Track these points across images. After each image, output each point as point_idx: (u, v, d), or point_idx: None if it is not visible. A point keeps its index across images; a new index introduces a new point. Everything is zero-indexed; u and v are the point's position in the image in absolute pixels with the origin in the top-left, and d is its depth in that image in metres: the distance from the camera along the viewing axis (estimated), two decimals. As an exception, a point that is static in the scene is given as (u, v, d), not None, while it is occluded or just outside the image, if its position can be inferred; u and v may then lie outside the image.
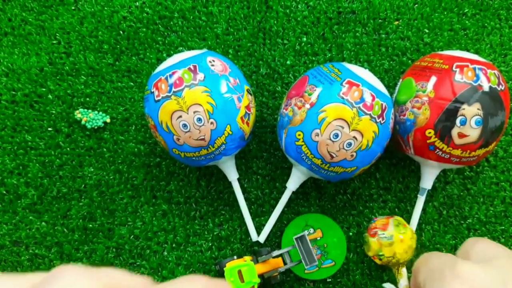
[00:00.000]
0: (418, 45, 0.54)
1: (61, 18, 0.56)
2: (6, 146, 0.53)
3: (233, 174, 0.48)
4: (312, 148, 0.42)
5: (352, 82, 0.41)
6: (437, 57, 0.44)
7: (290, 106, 0.43)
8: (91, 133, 0.53)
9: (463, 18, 0.55)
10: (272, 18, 0.55)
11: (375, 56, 0.54)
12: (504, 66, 0.54)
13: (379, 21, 0.55)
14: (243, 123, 0.44)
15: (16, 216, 0.51)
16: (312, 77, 0.43)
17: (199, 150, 0.43)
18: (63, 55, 0.55)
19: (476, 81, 0.41)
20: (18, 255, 0.51)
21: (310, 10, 0.55)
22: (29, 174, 0.52)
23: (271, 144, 0.53)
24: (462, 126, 0.41)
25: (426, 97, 0.42)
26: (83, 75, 0.54)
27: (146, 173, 0.52)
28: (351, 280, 0.50)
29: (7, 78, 0.54)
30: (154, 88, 0.43)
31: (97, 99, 0.54)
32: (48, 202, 0.52)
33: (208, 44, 0.55)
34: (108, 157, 0.53)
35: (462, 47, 0.54)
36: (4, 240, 0.51)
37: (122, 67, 0.54)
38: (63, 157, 0.53)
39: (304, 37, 0.55)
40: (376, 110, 0.41)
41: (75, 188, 0.52)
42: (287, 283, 0.50)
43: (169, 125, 0.42)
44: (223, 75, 0.43)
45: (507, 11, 0.55)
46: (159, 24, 0.55)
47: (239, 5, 0.55)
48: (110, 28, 0.55)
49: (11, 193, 0.52)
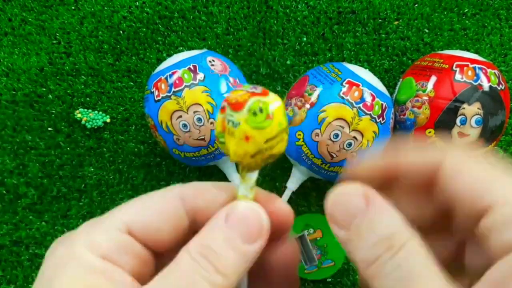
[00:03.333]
0: (418, 45, 0.54)
1: (61, 18, 0.56)
2: (6, 146, 0.53)
3: (233, 174, 0.48)
4: (312, 148, 0.42)
5: (352, 82, 0.41)
6: (437, 56, 0.44)
7: (290, 106, 0.43)
8: (91, 133, 0.53)
9: (463, 18, 0.55)
10: (272, 18, 0.55)
11: (375, 56, 0.54)
12: (504, 66, 0.54)
13: (379, 21, 0.55)
14: (243, 123, 0.44)
15: (16, 216, 0.51)
16: (312, 77, 0.43)
17: (199, 150, 0.43)
18: (63, 55, 0.55)
19: (476, 81, 0.41)
20: (18, 255, 0.51)
21: (310, 10, 0.55)
22: (29, 174, 0.52)
23: (271, 144, 0.53)
24: (462, 126, 0.41)
25: (426, 96, 0.42)
26: (83, 75, 0.54)
27: (146, 173, 0.52)
28: (351, 280, 0.50)
29: (7, 78, 0.54)
30: (154, 88, 0.43)
31: (97, 99, 0.54)
32: (48, 202, 0.52)
33: (208, 44, 0.55)
34: (108, 157, 0.53)
35: (462, 47, 0.54)
36: (4, 240, 0.51)
37: (122, 67, 0.54)
38: (63, 157, 0.53)
39: (304, 37, 0.55)
40: (376, 110, 0.41)
41: (75, 188, 0.52)
42: (287, 283, 0.50)
43: (169, 125, 0.42)
44: (223, 75, 0.43)
45: (507, 11, 0.55)
46: (159, 24, 0.55)
47: (239, 5, 0.55)
48: (110, 28, 0.55)
49: (11, 193, 0.52)
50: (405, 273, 0.14)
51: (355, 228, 0.16)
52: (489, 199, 0.15)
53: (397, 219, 0.16)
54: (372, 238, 0.15)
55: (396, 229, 0.16)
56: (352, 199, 0.17)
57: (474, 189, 0.16)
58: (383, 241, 0.15)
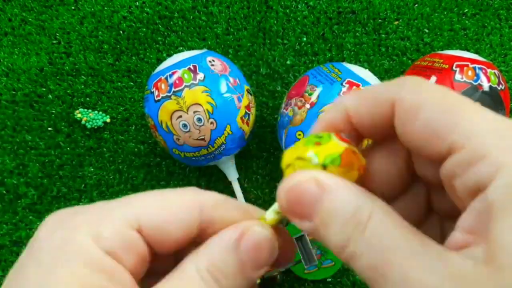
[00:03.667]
0: (418, 45, 0.54)
1: (61, 18, 0.56)
2: (6, 146, 0.53)
3: (233, 174, 0.48)
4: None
5: (352, 82, 0.41)
6: (437, 56, 0.44)
7: (290, 106, 0.43)
8: (91, 133, 0.53)
9: (463, 18, 0.55)
10: (272, 18, 0.55)
11: (375, 56, 0.54)
12: (504, 66, 0.54)
13: (379, 21, 0.55)
14: (243, 123, 0.44)
15: (16, 216, 0.51)
16: (312, 77, 0.43)
17: (199, 150, 0.43)
18: (63, 55, 0.55)
19: (476, 81, 0.41)
20: (18, 255, 0.51)
21: (310, 10, 0.55)
22: (29, 174, 0.52)
23: (271, 144, 0.53)
24: (462, 126, 0.41)
25: (426, 97, 0.42)
26: (83, 75, 0.54)
27: (146, 173, 0.52)
28: (351, 280, 0.50)
29: (7, 78, 0.54)
30: (154, 88, 0.43)
31: (97, 99, 0.54)
32: (48, 202, 0.52)
33: (208, 44, 0.55)
34: (108, 157, 0.53)
35: (462, 47, 0.54)
36: (4, 240, 0.51)
37: (122, 67, 0.54)
38: (63, 157, 0.53)
39: (304, 37, 0.55)
40: (376, 110, 0.41)
41: (75, 188, 0.52)
42: (287, 283, 0.50)
43: (169, 125, 0.42)
44: (223, 75, 0.43)
45: (507, 11, 0.55)
46: (159, 24, 0.55)
47: (239, 5, 0.55)
48: (110, 28, 0.55)
49: (11, 193, 0.52)
50: (377, 247, 0.14)
51: (318, 216, 0.15)
52: (451, 139, 0.13)
53: (355, 192, 0.15)
54: (338, 221, 0.14)
55: (358, 203, 0.14)
56: (304, 187, 0.15)
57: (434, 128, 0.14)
58: (350, 220, 0.14)
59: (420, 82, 0.15)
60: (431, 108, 0.14)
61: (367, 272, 0.14)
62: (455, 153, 0.13)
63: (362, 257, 0.14)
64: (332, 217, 0.15)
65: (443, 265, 0.12)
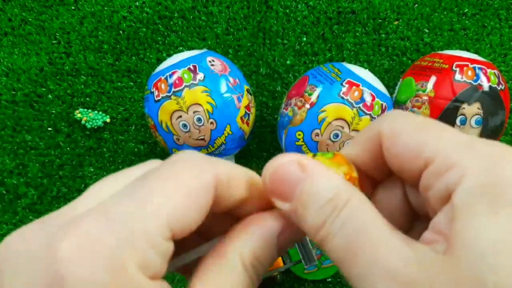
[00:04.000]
0: (418, 45, 0.54)
1: (61, 18, 0.56)
2: (6, 146, 0.53)
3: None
4: (312, 148, 0.42)
5: (352, 82, 0.41)
6: (437, 56, 0.44)
7: (290, 106, 0.43)
8: (91, 133, 0.53)
9: (463, 18, 0.55)
10: (272, 18, 0.55)
11: (375, 56, 0.54)
12: (504, 66, 0.54)
13: (379, 21, 0.55)
14: (243, 123, 0.44)
15: (16, 216, 0.51)
16: (312, 77, 0.43)
17: (199, 150, 0.43)
18: (63, 55, 0.55)
19: (476, 81, 0.41)
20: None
21: (310, 10, 0.55)
22: (29, 174, 0.52)
23: (271, 144, 0.53)
24: (462, 126, 0.41)
25: (426, 96, 0.42)
26: (83, 75, 0.54)
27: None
28: (351, 280, 0.50)
29: (7, 78, 0.54)
30: (154, 88, 0.43)
31: (97, 99, 0.54)
32: (48, 202, 0.52)
33: (208, 44, 0.55)
34: (108, 157, 0.53)
35: (462, 47, 0.54)
36: (4, 240, 0.51)
37: (122, 67, 0.54)
38: (63, 157, 0.53)
39: (304, 37, 0.55)
40: (376, 110, 0.41)
41: (75, 188, 0.52)
42: (287, 283, 0.50)
43: (169, 125, 0.42)
44: (223, 75, 0.43)
45: (507, 11, 0.55)
46: (159, 24, 0.55)
47: (239, 5, 0.55)
48: (110, 28, 0.55)
49: (11, 193, 0.52)
50: (351, 229, 0.14)
51: (298, 197, 0.16)
52: (424, 156, 0.15)
53: (336, 179, 0.16)
54: (316, 203, 0.15)
55: (337, 189, 0.15)
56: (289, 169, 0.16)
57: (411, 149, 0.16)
58: (327, 204, 0.15)
59: (398, 114, 0.17)
60: (407, 133, 0.16)
61: (339, 252, 0.15)
62: (427, 167, 0.15)
63: (335, 238, 0.15)
64: (311, 200, 0.15)
65: (410, 250, 0.14)
